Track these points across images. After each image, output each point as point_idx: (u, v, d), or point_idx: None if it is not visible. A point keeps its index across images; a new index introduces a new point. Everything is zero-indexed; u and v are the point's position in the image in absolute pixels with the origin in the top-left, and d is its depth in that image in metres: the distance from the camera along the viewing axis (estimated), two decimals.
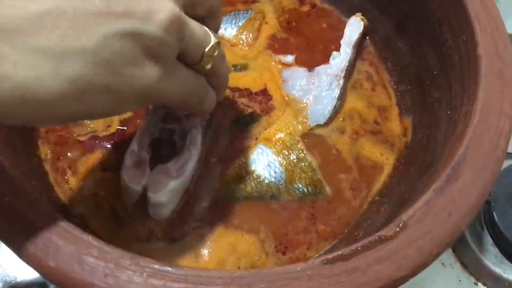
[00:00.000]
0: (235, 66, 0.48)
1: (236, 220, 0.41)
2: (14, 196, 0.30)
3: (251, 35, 0.50)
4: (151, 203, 0.38)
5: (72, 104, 0.26)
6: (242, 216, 0.41)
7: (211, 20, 0.34)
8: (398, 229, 0.30)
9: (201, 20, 0.32)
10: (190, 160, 0.39)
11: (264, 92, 0.47)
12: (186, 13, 0.30)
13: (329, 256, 0.29)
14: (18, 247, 0.29)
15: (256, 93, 0.47)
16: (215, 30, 0.35)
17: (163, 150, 0.41)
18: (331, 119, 0.46)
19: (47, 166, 0.42)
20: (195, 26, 0.31)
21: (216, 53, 0.32)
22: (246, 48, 0.50)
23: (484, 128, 0.34)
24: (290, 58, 0.49)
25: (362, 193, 0.44)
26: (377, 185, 0.44)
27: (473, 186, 0.32)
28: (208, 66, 0.33)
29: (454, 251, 0.53)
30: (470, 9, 0.39)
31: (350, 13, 0.53)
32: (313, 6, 0.54)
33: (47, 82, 0.24)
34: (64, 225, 0.29)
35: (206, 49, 0.32)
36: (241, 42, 0.50)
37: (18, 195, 0.30)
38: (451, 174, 0.32)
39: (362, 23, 0.50)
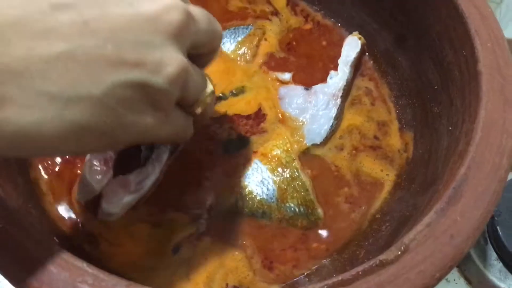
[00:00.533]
0: (231, 92, 0.48)
1: (225, 235, 0.40)
2: (7, 221, 0.29)
3: (249, 51, 0.50)
4: (101, 209, 0.37)
5: (67, 144, 0.26)
6: (231, 231, 0.41)
7: (209, 57, 0.34)
8: (399, 252, 0.30)
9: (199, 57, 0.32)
10: (151, 176, 0.38)
11: (258, 113, 0.46)
12: (189, 54, 0.30)
13: (329, 281, 0.29)
14: (11, 275, 0.28)
15: (248, 116, 0.46)
16: (210, 62, 0.35)
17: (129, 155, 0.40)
18: (327, 138, 0.45)
19: (44, 187, 0.41)
20: (197, 75, 0.31)
21: (209, 100, 0.34)
22: (243, 63, 0.49)
23: (486, 147, 0.33)
24: (287, 76, 0.49)
25: (362, 210, 0.43)
26: (378, 202, 0.43)
27: (476, 208, 0.31)
28: (199, 111, 0.33)
29: (458, 266, 0.53)
30: (470, 24, 0.38)
31: (349, 27, 0.53)
32: (317, 23, 0.53)
33: (48, 125, 0.24)
34: (58, 251, 0.29)
35: (202, 97, 0.33)
36: (238, 58, 0.49)
37: (12, 221, 0.30)
38: (452, 195, 0.31)
39: (359, 42, 0.49)
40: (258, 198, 0.42)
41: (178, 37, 0.28)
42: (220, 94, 0.47)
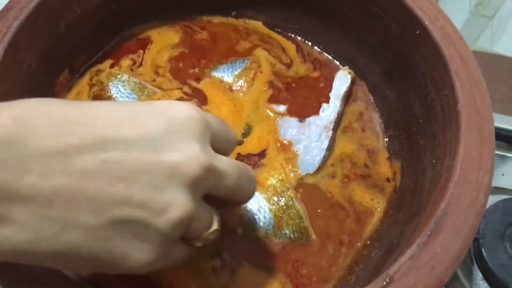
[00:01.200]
0: (242, 133, 0.50)
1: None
2: None
3: (246, 84, 0.53)
4: None
5: (54, 261, 0.27)
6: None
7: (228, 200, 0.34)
8: (384, 283, 0.33)
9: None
10: None
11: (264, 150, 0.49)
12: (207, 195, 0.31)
13: None
14: None
15: (258, 154, 0.49)
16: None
17: None
18: (320, 168, 0.48)
19: None
20: (204, 217, 0.31)
21: (211, 237, 0.33)
22: (241, 94, 0.52)
23: (464, 183, 0.36)
24: (282, 108, 0.51)
25: (354, 238, 0.46)
26: (368, 229, 0.46)
27: (455, 241, 0.34)
28: (200, 245, 0.33)
29: (445, 286, 0.55)
30: (450, 65, 0.41)
31: (340, 60, 0.56)
32: (319, 65, 0.56)
33: (43, 244, 0.25)
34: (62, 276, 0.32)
35: (205, 233, 0.33)
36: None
37: None
38: (433, 229, 0.34)
39: (349, 76, 0.52)
40: (256, 225, 0.45)
41: (192, 186, 0.28)
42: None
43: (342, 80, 0.52)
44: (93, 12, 0.49)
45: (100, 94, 0.50)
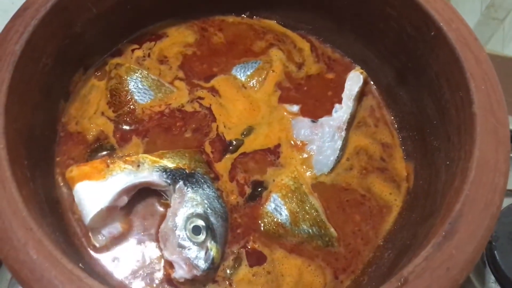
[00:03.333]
0: (243, 134, 0.51)
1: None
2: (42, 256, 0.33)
3: (258, 84, 0.53)
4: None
5: None
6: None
7: None
8: (399, 284, 0.32)
9: None
10: None
11: (277, 146, 0.50)
12: None
13: None
14: None
15: (269, 150, 0.50)
16: None
17: None
18: (334, 168, 0.48)
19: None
20: None
21: None
22: (253, 93, 0.52)
23: (480, 185, 0.36)
24: (295, 108, 0.52)
25: (372, 236, 0.46)
26: (385, 228, 0.46)
27: (470, 242, 0.34)
28: None
29: None
30: (465, 67, 0.41)
31: (354, 60, 0.56)
32: (333, 65, 0.56)
33: None
34: (88, 281, 0.32)
35: None
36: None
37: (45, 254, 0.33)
38: (448, 230, 0.34)
39: (361, 76, 0.52)
40: (275, 220, 0.45)
41: None
42: (234, 141, 0.50)
43: (354, 80, 0.52)
44: (109, 12, 0.49)
45: (117, 88, 0.50)
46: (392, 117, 0.53)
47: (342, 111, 0.50)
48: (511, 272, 0.53)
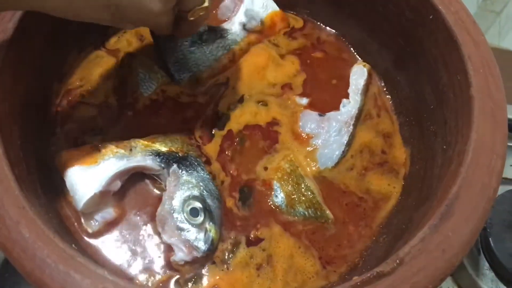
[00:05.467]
0: (229, 108, 0.50)
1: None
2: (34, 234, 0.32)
3: None
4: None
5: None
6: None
7: None
8: (395, 265, 0.32)
9: None
10: None
11: (272, 135, 0.49)
12: None
13: None
14: (38, 283, 0.31)
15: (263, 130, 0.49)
16: None
17: None
18: (339, 162, 0.47)
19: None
20: None
21: (201, 12, 0.41)
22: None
23: (477, 168, 0.36)
24: (304, 101, 0.51)
25: (368, 222, 0.46)
26: (383, 214, 0.46)
27: (466, 224, 0.34)
28: (192, 18, 0.41)
29: (452, 275, 0.55)
30: (463, 50, 0.41)
31: (354, 46, 0.56)
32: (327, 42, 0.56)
33: None
34: (81, 260, 0.31)
35: (197, 8, 0.40)
36: None
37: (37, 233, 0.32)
38: (445, 212, 0.34)
39: (365, 69, 0.52)
40: (270, 203, 0.46)
41: None
42: (223, 116, 0.50)
43: (358, 74, 0.51)
44: None
45: (126, 76, 0.50)
46: (391, 102, 0.52)
47: (350, 106, 0.49)
48: (505, 258, 0.53)
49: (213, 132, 0.48)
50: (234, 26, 0.52)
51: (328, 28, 0.57)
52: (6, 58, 0.39)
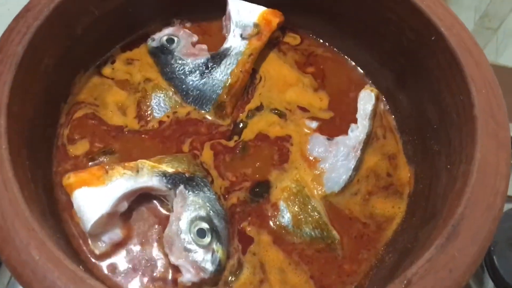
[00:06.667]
0: (247, 115, 0.51)
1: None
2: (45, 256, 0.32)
3: None
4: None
5: None
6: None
7: None
8: (403, 286, 0.33)
9: None
10: None
11: (283, 153, 0.50)
12: None
13: None
14: None
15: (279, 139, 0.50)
16: None
17: None
18: (345, 187, 0.48)
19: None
20: None
21: None
22: None
23: (481, 188, 0.36)
24: (314, 124, 0.51)
25: (373, 244, 0.46)
26: (387, 234, 0.46)
27: (472, 244, 0.34)
28: None
29: None
30: (466, 71, 0.41)
31: (357, 62, 0.56)
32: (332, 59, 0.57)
33: None
34: (91, 282, 0.32)
35: None
36: None
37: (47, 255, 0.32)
38: (451, 232, 0.34)
39: (372, 94, 0.52)
40: (277, 223, 0.46)
41: None
42: (240, 124, 0.51)
43: (366, 99, 0.51)
44: (110, 14, 0.49)
45: (141, 101, 0.51)
46: (394, 121, 0.53)
47: (358, 131, 0.49)
48: (509, 276, 0.53)
49: (233, 139, 0.49)
50: (233, 41, 0.53)
51: (331, 46, 0.57)
52: (15, 81, 0.39)
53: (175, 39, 0.53)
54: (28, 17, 0.42)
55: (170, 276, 0.42)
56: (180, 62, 0.51)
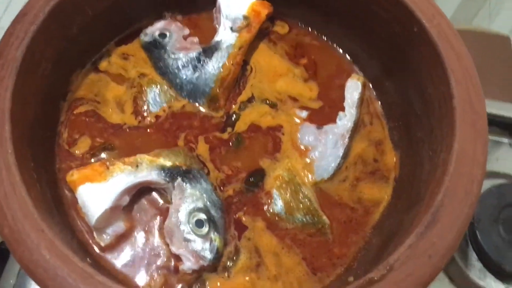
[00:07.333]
0: (240, 107, 0.53)
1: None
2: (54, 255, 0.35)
3: None
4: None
5: None
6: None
7: None
8: (385, 271, 0.35)
9: None
10: None
11: (275, 142, 0.52)
12: None
13: None
14: None
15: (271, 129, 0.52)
16: None
17: None
18: (334, 174, 0.50)
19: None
20: None
21: None
22: None
23: (459, 177, 0.39)
24: (304, 114, 0.53)
25: (361, 227, 0.49)
26: (374, 218, 0.49)
27: (450, 231, 0.37)
28: None
29: None
30: (446, 63, 0.43)
31: (344, 51, 0.58)
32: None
33: None
34: (99, 278, 0.34)
35: None
36: None
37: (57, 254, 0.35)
38: (431, 220, 0.37)
39: (359, 82, 0.53)
40: (271, 210, 0.48)
41: None
42: (233, 116, 0.52)
43: (353, 88, 0.53)
44: (104, 12, 0.51)
45: (137, 97, 0.52)
46: (381, 107, 0.55)
47: (346, 119, 0.52)
48: (492, 251, 0.57)
49: (227, 132, 0.51)
50: (223, 34, 0.54)
51: (320, 35, 0.59)
52: (16, 85, 0.41)
53: (167, 33, 0.54)
54: (24, 22, 0.44)
55: (171, 264, 0.45)
56: (173, 56, 0.53)
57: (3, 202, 0.37)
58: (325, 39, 0.58)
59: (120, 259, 0.45)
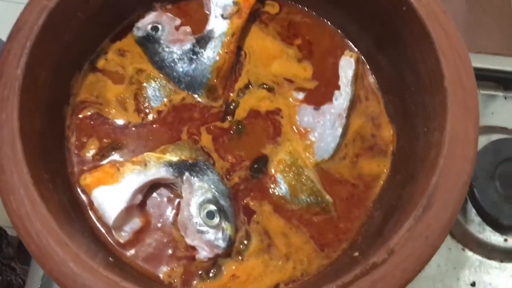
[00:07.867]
0: (238, 94, 0.54)
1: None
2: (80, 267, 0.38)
3: None
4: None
5: None
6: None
7: None
8: (387, 255, 0.38)
9: None
10: None
11: (275, 126, 0.53)
12: None
13: (333, 285, 0.37)
14: None
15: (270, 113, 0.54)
16: None
17: None
18: (334, 153, 0.52)
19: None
20: None
21: None
22: None
23: (452, 158, 0.41)
24: (301, 96, 0.54)
25: (363, 202, 0.51)
26: (375, 192, 0.51)
27: (445, 211, 0.40)
28: None
29: None
30: (436, 44, 0.44)
31: (336, 26, 0.58)
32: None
33: None
34: (124, 284, 0.38)
35: None
36: None
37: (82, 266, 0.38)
38: (426, 204, 0.40)
39: (352, 59, 0.54)
40: (276, 194, 0.51)
41: None
42: (232, 104, 0.54)
43: (347, 66, 0.54)
44: (95, 13, 0.51)
45: (137, 93, 0.54)
46: (375, 81, 0.56)
47: (342, 98, 0.53)
48: (489, 206, 0.60)
49: (228, 120, 0.53)
50: (214, 23, 0.54)
51: (310, 11, 0.59)
52: (21, 102, 0.43)
53: (159, 26, 0.55)
54: (20, 38, 0.45)
55: (187, 254, 0.48)
56: (167, 50, 0.54)
57: (26, 221, 0.39)
58: (316, 15, 0.58)
59: (140, 254, 0.48)
